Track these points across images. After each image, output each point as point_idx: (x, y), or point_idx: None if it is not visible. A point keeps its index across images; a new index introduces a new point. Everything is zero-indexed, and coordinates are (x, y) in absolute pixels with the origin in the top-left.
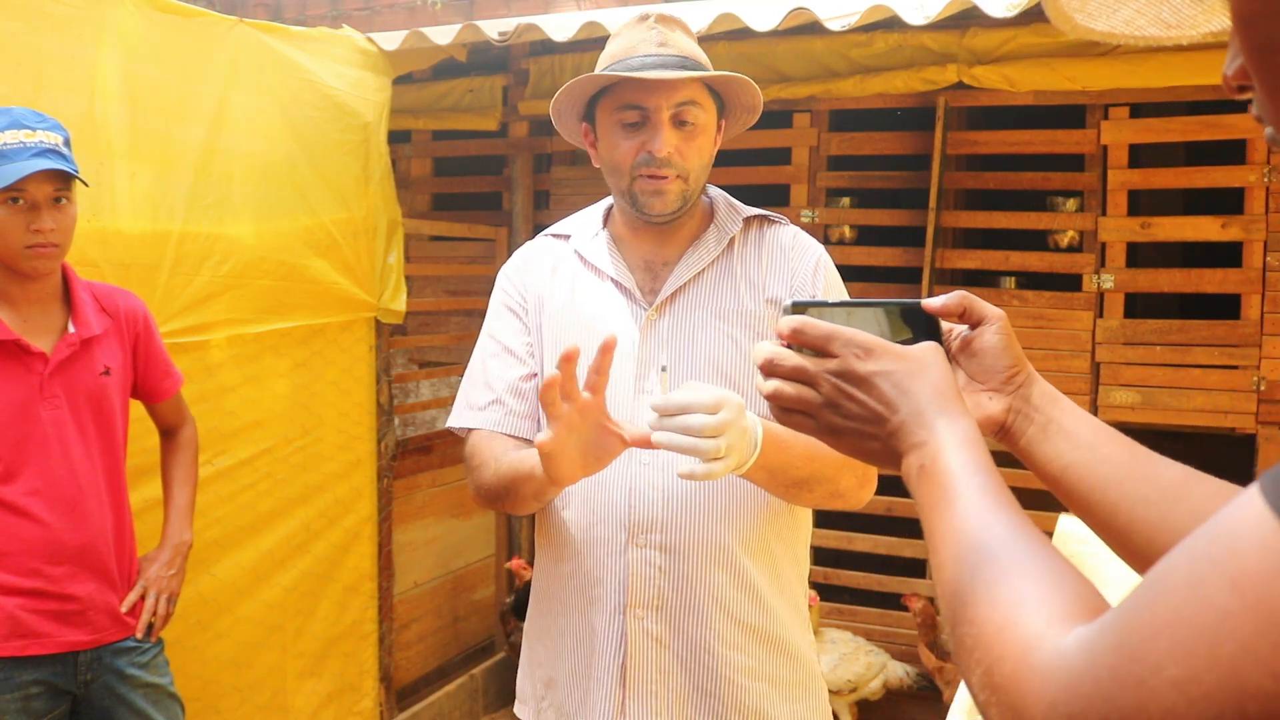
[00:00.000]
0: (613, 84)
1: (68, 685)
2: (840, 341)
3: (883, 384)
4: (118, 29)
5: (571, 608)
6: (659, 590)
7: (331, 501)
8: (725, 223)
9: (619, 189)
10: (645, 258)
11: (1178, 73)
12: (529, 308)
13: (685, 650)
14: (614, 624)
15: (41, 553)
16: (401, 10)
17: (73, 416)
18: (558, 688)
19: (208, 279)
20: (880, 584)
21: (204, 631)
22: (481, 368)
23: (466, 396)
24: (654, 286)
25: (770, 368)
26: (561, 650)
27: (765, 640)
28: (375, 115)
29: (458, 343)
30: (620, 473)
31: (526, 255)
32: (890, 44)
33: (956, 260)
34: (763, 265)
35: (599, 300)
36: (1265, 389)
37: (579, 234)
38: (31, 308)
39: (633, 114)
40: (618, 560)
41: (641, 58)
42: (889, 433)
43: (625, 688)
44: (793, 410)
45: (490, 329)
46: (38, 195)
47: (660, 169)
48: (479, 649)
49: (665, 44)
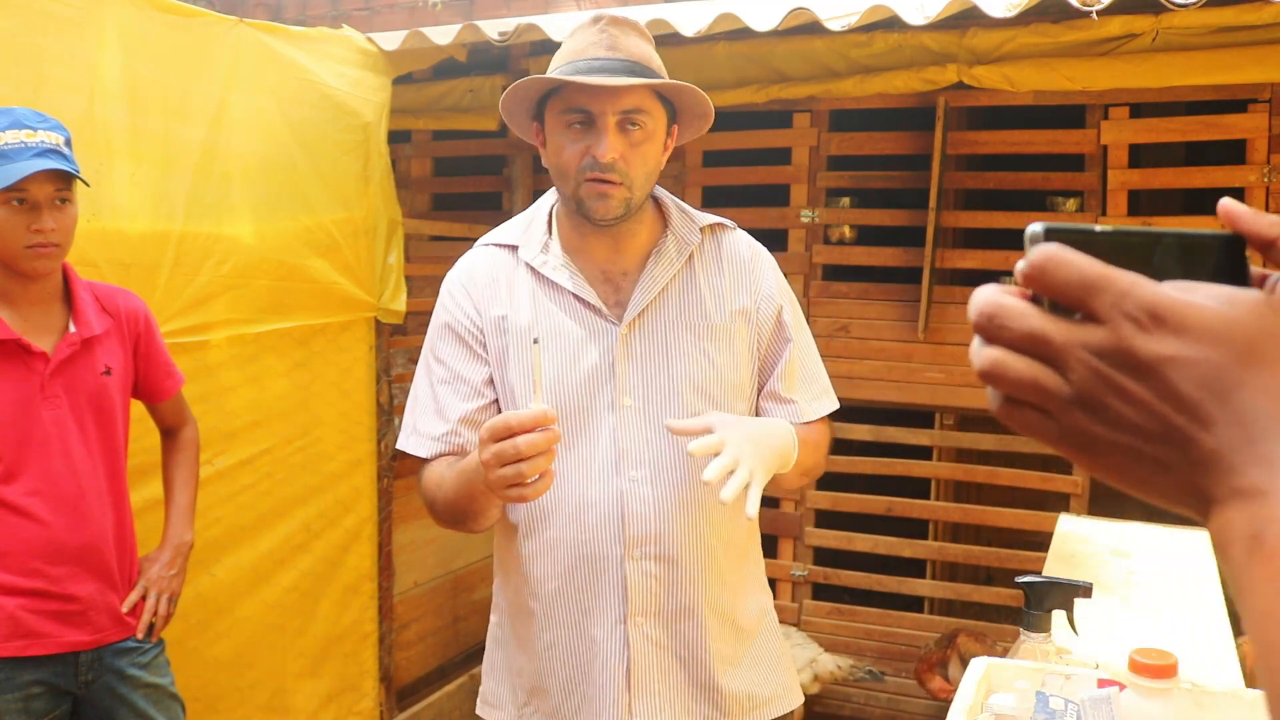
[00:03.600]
0: (561, 86)
1: (68, 685)
2: (1114, 294)
3: (1183, 377)
4: (118, 29)
5: (561, 622)
6: (657, 598)
7: (331, 501)
8: (683, 232)
9: (565, 192)
10: (602, 268)
11: (1178, 73)
12: (485, 329)
13: (682, 649)
14: (615, 633)
15: (42, 553)
16: (401, 10)
17: (74, 416)
18: (547, 696)
19: (208, 279)
20: (880, 584)
21: (204, 631)
22: (430, 394)
23: (417, 422)
24: (618, 299)
25: (990, 326)
26: (551, 661)
27: (742, 630)
28: (375, 115)
29: None
30: (609, 491)
31: (471, 271)
32: (890, 44)
33: (956, 260)
34: (725, 275)
35: (565, 318)
36: None
37: (527, 244)
38: (32, 308)
39: (577, 117)
40: (615, 574)
41: (589, 61)
42: (1193, 461)
43: (631, 690)
44: (1021, 402)
45: (437, 352)
46: (39, 195)
47: (605, 174)
48: (479, 649)
49: (615, 47)
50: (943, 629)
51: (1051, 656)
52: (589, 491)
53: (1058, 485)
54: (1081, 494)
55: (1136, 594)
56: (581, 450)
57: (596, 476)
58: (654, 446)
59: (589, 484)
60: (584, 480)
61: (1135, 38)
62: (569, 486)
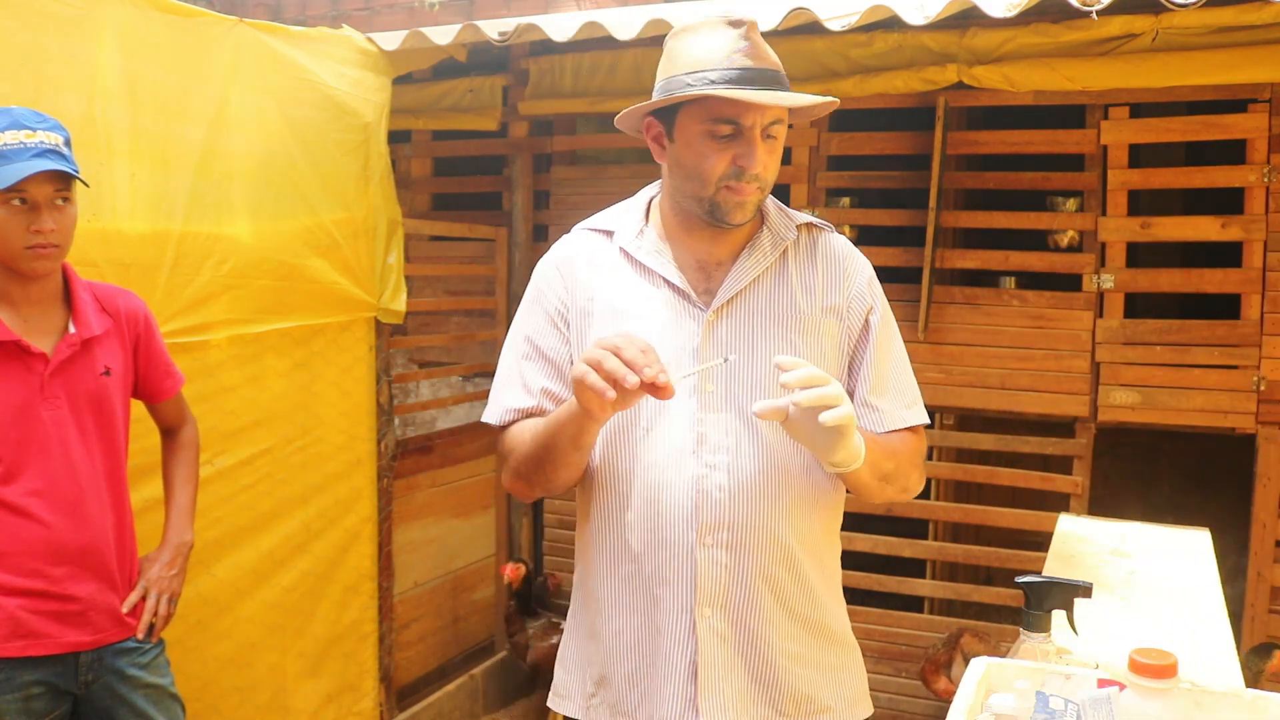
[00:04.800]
0: None
1: (69, 686)
2: None
3: None
4: (118, 29)
5: (631, 608)
6: (725, 588)
7: (331, 501)
8: (779, 227)
9: (696, 195)
10: (698, 257)
11: (1178, 73)
12: (573, 311)
13: (745, 643)
14: (682, 622)
15: (42, 553)
16: (401, 10)
17: (73, 417)
18: (611, 686)
19: (208, 279)
20: (880, 584)
21: (204, 631)
22: (517, 369)
23: (501, 396)
24: (708, 287)
25: None
26: (618, 649)
27: (815, 629)
28: (375, 115)
29: (458, 343)
30: (685, 475)
31: (568, 253)
32: (890, 44)
33: (956, 260)
34: (818, 273)
35: (654, 301)
36: (1265, 389)
37: (622, 230)
38: (32, 308)
39: (727, 128)
40: (686, 560)
41: (740, 70)
42: None
43: (697, 683)
44: None
45: (525, 328)
46: (38, 196)
47: (749, 183)
48: (479, 649)
49: (759, 56)
50: (943, 629)
51: (1051, 656)
52: (665, 474)
53: (1058, 485)
54: (1081, 494)
55: (1136, 594)
56: (661, 432)
57: (674, 459)
58: (734, 434)
59: (666, 466)
60: (662, 462)
61: (1135, 38)
62: (647, 468)
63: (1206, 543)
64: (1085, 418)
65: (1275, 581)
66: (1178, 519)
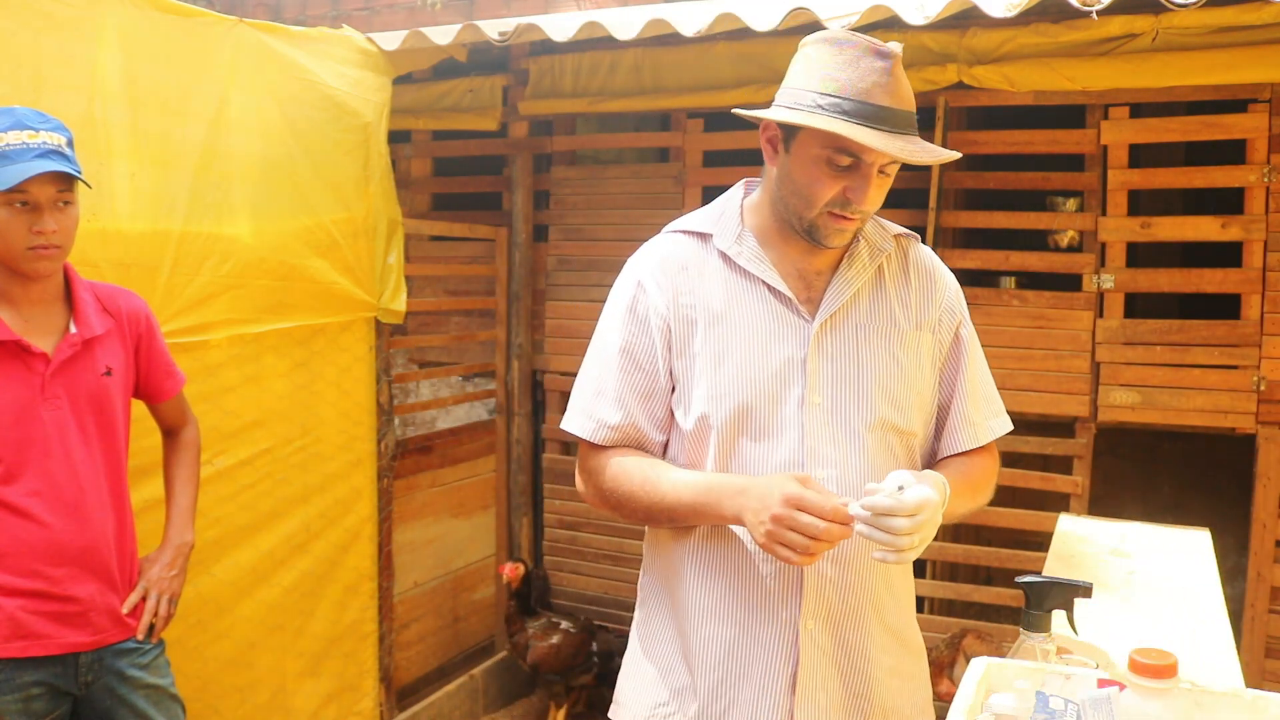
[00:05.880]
0: None
1: (69, 686)
2: None
3: None
4: (118, 29)
5: (725, 618)
6: (829, 600)
7: (331, 501)
8: (876, 239)
9: (799, 213)
10: (797, 265)
11: (1178, 73)
12: (676, 317)
13: (843, 656)
14: (785, 635)
15: (43, 554)
16: (401, 10)
17: (74, 417)
18: (694, 695)
19: (208, 279)
20: None
21: (204, 631)
22: (610, 380)
23: (592, 409)
24: (810, 296)
25: None
26: (707, 658)
27: (903, 641)
28: (375, 115)
29: (458, 343)
30: None
31: (667, 256)
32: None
33: (956, 260)
34: (911, 285)
35: (757, 309)
36: (1265, 389)
37: (721, 233)
38: (33, 308)
39: (846, 159)
40: (793, 574)
41: (875, 109)
42: None
43: (794, 695)
44: None
45: (618, 338)
46: (40, 197)
47: (853, 214)
48: (479, 649)
49: (898, 95)
50: (943, 629)
51: (1051, 656)
52: None
53: (1058, 485)
54: (1081, 494)
55: (1136, 594)
56: (769, 443)
57: (782, 471)
58: (841, 447)
59: None
60: (770, 474)
61: (1135, 38)
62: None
63: (1206, 543)
64: (1085, 418)
65: (1275, 581)
66: (1178, 519)
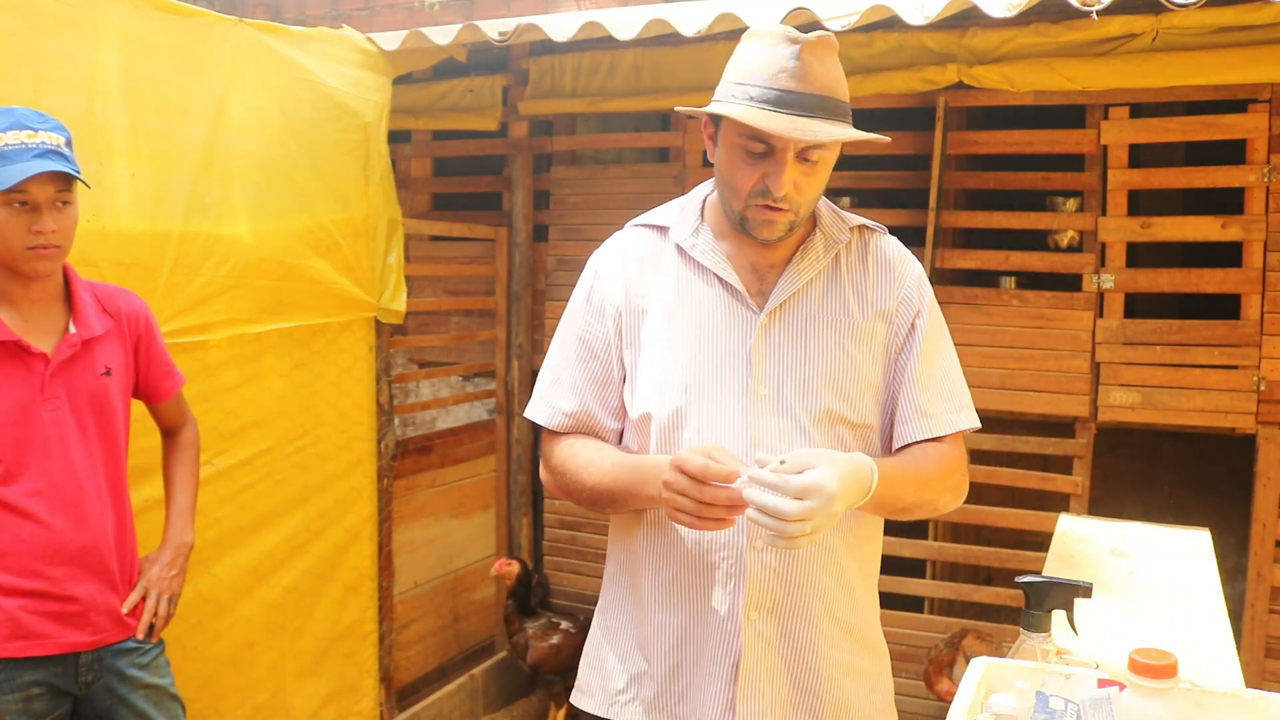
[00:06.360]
0: None
1: (69, 686)
2: None
3: None
4: (118, 29)
5: (676, 606)
6: (773, 592)
7: (331, 501)
8: (832, 230)
9: (730, 205)
10: (751, 259)
11: (1178, 73)
12: (628, 308)
13: (789, 649)
14: (728, 626)
15: (43, 554)
16: (401, 10)
17: (74, 417)
18: (651, 681)
19: (208, 279)
20: (880, 584)
21: (204, 631)
22: (565, 366)
23: (549, 396)
24: (761, 289)
25: None
26: (661, 645)
27: (857, 637)
28: (375, 115)
29: (458, 343)
30: None
31: (624, 249)
32: (890, 44)
33: (956, 260)
34: (869, 276)
35: (708, 301)
36: (1265, 389)
37: (679, 227)
38: (33, 308)
39: (759, 145)
40: (735, 564)
41: (780, 93)
42: None
43: (737, 685)
44: None
45: (575, 327)
46: (40, 197)
47: (777, 203)
48: (479, 649)
49: (805, 79)
50: (943, 629)
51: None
52: None
53: (1058, 485)
54: (1081, 494)
55: (1136, 594)
56: (712, 434)
57: None
58: (785, 437)
59: None
60: None
61: (1135, 38)
62: None
63: (1206, 543)
64: (1085, 418)
65: (1275, 581)
66: (1178, 519)
